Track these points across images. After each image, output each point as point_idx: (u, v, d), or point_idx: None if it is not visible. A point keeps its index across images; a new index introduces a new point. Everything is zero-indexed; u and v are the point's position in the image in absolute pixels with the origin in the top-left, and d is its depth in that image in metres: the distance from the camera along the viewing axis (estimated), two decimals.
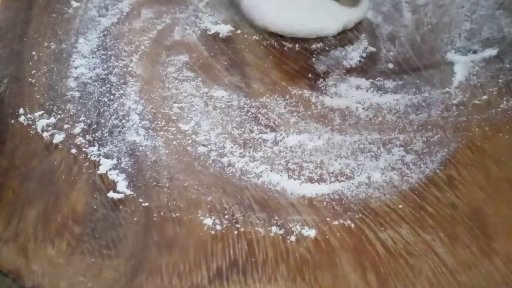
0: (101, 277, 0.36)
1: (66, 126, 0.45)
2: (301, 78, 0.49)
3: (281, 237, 0.37)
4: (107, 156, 0.43)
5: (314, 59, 0.51)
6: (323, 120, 0.45)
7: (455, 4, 0.56)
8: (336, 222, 0.38)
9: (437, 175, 0.41)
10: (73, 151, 0.43)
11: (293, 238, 0.37)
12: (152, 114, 0.46)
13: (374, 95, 0.47)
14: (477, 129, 0.44)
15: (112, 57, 0.51)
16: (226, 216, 0.39)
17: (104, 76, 0.49)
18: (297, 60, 0.51)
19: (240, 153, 0.43)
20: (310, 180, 0.41)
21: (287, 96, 0.47)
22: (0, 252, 0.37)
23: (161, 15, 0.56)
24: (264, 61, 0.51)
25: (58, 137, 0.44)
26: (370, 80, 0.48)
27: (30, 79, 0.49)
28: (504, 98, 0.46)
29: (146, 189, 0.41)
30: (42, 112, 0.46)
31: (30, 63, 0.50)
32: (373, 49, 0.52)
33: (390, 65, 0.50)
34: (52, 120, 0.46)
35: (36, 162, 0.43)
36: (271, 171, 0.41)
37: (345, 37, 0.53)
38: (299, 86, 0.48)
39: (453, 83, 0.48)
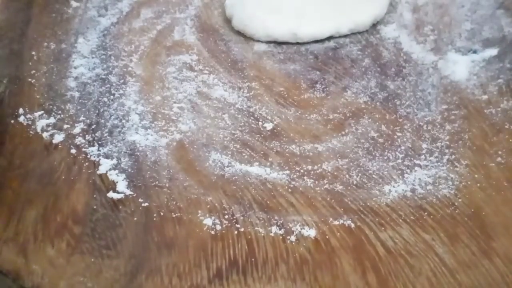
0: (101, 277, 0.36)
1: (65, 126, 0.45)
2: (301, 78, 0.49)
3: (281, 237, 0.37)
4: (107, 156, 0.43)
5: (313, 59, 0.50)
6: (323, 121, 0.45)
7: (455, 4, 0.56)
8: (336, 222, 0.38)
9: (437, 175, 0.41)
10: (73, 151, 0.43)
11: (293, 238, 0.37)
12: (152, 114, 0.46)
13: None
14: (477, 129, 0.44)
15: (112, 57, 0.51)
16: (226, 216, 0.39)
17: (104, 76, 0.49)
18: (297, 60, 0.50)
19: (240, 153, 0.43)
20: (310, 179, 0.41)
21: (287, 96, 0.47)
22: (0, 252, 0.37)
23: (161, 15, 0.56)
24: (264, 61, 0.51)
25: (58, 137, 0.44)
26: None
27: (29, 79, 0.49)
28: (504, 98, 0.46)
29: (146, 189, 0.41)
30: (42, 112, 0.46)
31: (30, 63, 0.50)
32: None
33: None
34: (52, 120, 0.46)
35: (36, 162, 0.43)
36: (271, 171, 0.41)
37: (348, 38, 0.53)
38: (299, 87, 0.48)
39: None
